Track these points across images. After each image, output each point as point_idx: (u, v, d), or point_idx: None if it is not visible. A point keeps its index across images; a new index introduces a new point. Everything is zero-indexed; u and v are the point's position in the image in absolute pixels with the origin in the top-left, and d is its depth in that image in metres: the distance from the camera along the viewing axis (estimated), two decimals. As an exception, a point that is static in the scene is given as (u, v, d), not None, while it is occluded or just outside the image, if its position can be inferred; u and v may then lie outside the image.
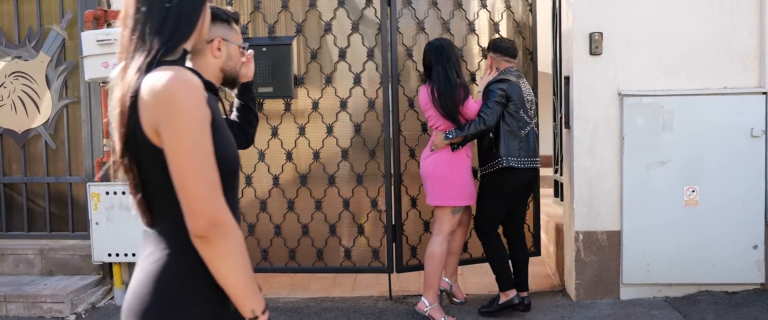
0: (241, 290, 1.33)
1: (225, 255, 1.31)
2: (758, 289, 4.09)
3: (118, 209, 4.23)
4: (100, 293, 4.41)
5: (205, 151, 1.30)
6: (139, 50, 1.35)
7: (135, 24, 1.37)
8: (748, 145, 3.98)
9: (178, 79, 1.29)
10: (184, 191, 1.29)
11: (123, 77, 1.35)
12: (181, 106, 1.28)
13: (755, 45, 3.98)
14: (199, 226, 1.29)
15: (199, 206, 1.28)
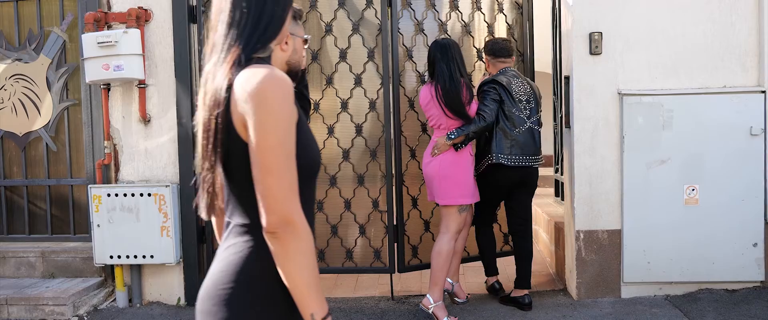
0: (303, 291, 1.35)
1: (292, 254, 1.33)
2: (758, 287, 4.11)
3: (119, 211, 4.23)
4: (102, 295, 4.41)
5: (287, 152, 1.33)
6: (234, 46, 1.40)
7: (231, 21, 1.42)
8: (747, 144, 4.00)
9: (271, 77, 1.33)
10: (262, 187, 1.33)
11: (216, 72, 1.40)
12: (271, 104, 1.32)
13: (754, 44, 4.00)
14: (271, 222, 1.32)
15: (273, 204, 1.31)
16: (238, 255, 1.40)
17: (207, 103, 1.39)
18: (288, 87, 1.35)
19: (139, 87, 4.30)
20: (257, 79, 1.33)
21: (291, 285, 1.35)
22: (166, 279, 4.38)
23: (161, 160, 4.34)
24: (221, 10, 1.44)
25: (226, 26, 1.42)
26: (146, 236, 4.22)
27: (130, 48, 4.12)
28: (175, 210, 4.25)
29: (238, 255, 1.41)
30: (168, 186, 4.21)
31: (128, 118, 4.36)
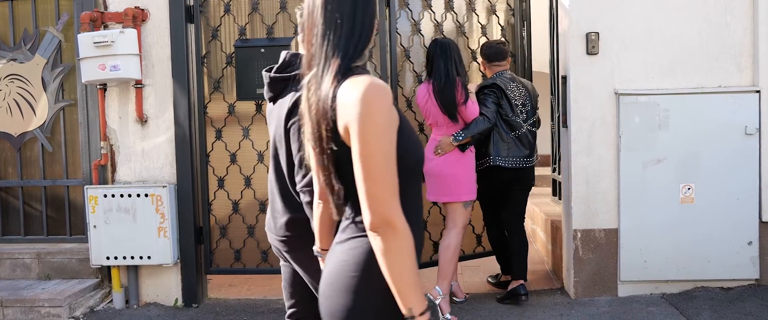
0: (402, 287, 1.42)
1: (392, 252, 1.41)
2: (753, 285, 4.15)
3: (116, 212, 4.21)
4: (99, 297, 4.39)
5: (388, 158, 1.42)
6: (333, 58, 1.49)
7: (326, 31, 1.51)
8: (742, 143, 4.03)
9: (371, 86, 1.42)
10: (364, 190, 1.42)
11: (319, 83, 1.49)
12: (373, 114, 1.40)
13: (749, 44, 4.03)
14: (373, 223, 1.41)
15: (375, 205, 1.41)
16: (359, 249, 1.53)
17: (312, 113, 1.49)
18: (388, 94, 1.43)
19: (135, 87, 4.28)
20: (359, 89, 1.42)
21: (391, 280, 1.43)
22: (164, 280, 4.37)
23: (158, 160, 4.32)
24: (315, 24, 1.52)
25: (322, 39, 1.51)
26: (143, 237, 4.21)
27: (126, 48, 4.10)
28: (173, 211, 4.24)
29: (359, 248, 1.53)
30: (165, 187, 4.19)
31: (125, 119, 4.34)
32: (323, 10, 1.52)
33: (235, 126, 4.31)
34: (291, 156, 2.16)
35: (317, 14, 1.53)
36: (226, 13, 4.26)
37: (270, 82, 2.25)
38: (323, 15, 1.52)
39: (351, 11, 1.53)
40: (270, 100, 2.31)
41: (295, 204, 2.19)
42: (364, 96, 1.41)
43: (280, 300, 4.42)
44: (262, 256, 4.32)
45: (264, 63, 4.12)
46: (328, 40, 1.51)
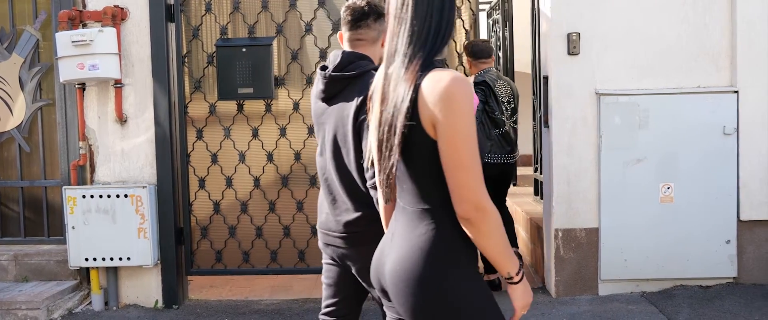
0: (499, 259, 1.57)
1: (486, 234, 1.53)
2: (731, 283, 4.20)
3: (95, 213, 4.16)
4: (77, 298, 4.34)
5: (473, 146, 1.51)
6: (419, 53, 1.56)
7: (415, 26, 1.57)
8: (720, 143, 4.08)
9: (458, 80, 1.51)
10: (455, 180, 1.51)
11: (399, 75, 1.56)
12: (460, 105, 1.49)
13: (727, 45, 4.08)
14: (465, 210, 1.51)
15: (466, 193, 1.50)
16: (425, 237, 1.59)
17: (391, 106, 1.56)
18: (470, 87, 1.52)
19: (115, 86, 4.24)
20: (446, 83, 1.50)
21: (489, 256, 1.57)
22: (144, 281, 4.33)
23: (138, 160, 4.28)
24: (403, 19, 1.59)
25: (409, 35, 1.57)
26: (123, 238, 4.16)
27: (105, 47, 4.06)
28: (153, 212, 4.20)
29: (424, 236, 1.59)
30: (145, 187, 4.15)
31: (104, 118, 4.29)
32: (414, 6, 1.57)
33: (216, 126, 4.28)
34: (361, 153, 2.19)
35: (407, 10, 1.58)
36: (207, 12, 4.23)
37: (329, 81, 2.26)
38: (414, 10, 1.58)
39: (440, 7, 1.59)
40: (323, 100, 2.31)
41: (364, 201, 2.21)
42: (453, 89, 1.49)
43: (262, 300, 4.40)
44: (244, 257, 4.30)
45: (246, 62, 4.09)
46: (417, 36, 1.57)
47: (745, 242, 4.16)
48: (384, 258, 1.69)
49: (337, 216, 2.28)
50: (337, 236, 2.29)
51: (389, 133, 1.57)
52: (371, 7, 2.30)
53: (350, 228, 2.25)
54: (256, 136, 4.24)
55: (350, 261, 2.30)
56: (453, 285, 1.58)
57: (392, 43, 1.61)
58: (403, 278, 1.60)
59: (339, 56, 2.27)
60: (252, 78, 4.10)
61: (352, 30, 2.31)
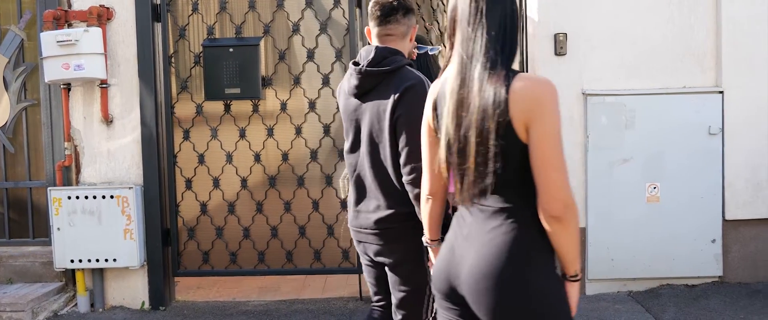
0: (574, 256, 1.63)
1: (571, 231, 1.60)
2: (716, 282, 4.23)
3: (80, 214, 4.13)
4: (63, 300, 4.30)
5: (561, 146, 1.59)
6: (499, 58, 1.62)
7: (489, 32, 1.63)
8: (706, 143, 4.11)
9: (548, 83, 1.60)
10: (547, 179, 1.58)
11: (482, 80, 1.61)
12: (551, 107, 1.58)
13: (712, 46, 4.11)
14: (556, 208, 1.57)
15: (558, 192, 1.57)
16: (508, 236, 1.63)
17: (478, 109, 1.60)
18: (557, 90, 1.61)
19: (100, 87, 4.21)
20: (539, 86, 1.60)
21: (566, 253, 1.63)
22: (130, 282, 4.30)
23: (124, 161, 4.25)
24: (478, 25, 1.65)
25: (488, 40, 1.63)
26: (109, 239, 4.13)
27: (91, 47, 4.03)
28: (139, 213, 4.17)
29: (507, 235, 1.63)
30: (131, 188, 4.13)
31: (90, 119, 4.26)
32: (489, 12, 1.64)
33: (203, 126, 4.26)
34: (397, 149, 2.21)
35: (482, 16, 1.64)
36: (193, 12, 4.21)
37: (363, 76, 2.26)
38: (489, 16, 1.64)
39: (511, 13, 1.66)
40: (356, 96, 2.32)
41: (397, 198, 2.24)
42: (546, 91, 1.58)
43: (250, 301, 4.39)
44: (231, 258, 4.28)
45: (233, 62, 4.08)
46: (495, 41, 1.63)
47: (731, 241, 4.19)
48: (459, 260, 1.70)
49: (369, 213, 2.30)
50: (369, 233, 2.31)
51: (479, 136, 1.60)
52: (400, 2, 2.32)
53: (382, 224, 2.27)
54: (244, 137, 4.22)
55: (383, 256, 2.32)
56: (542, 284, 1.63)
57: (467, 48, 1.65)
58: (489, 277, 1.63)
59: (372, 51, 2.27)
60: (239, 78, 4.09)
61: (381, 25, 2.33)
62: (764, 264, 4.22)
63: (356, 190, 2.36)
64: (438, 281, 1.77)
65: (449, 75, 1.71)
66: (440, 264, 1.77)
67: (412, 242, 2.23)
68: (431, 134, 1.82)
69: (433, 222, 1.96)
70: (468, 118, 1.62)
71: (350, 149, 2.38)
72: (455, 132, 1.65)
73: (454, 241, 1.75)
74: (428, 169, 1.87)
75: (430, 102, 1.79)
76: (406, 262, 2.28)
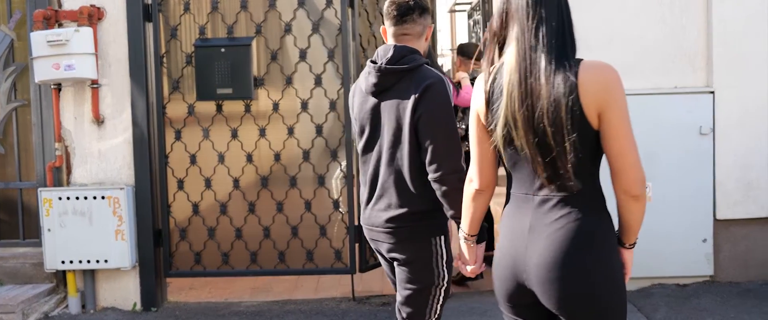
0: (639, 228, 1.78)
1: (643, 205, 1.73)
2: (707, 281, 4.25)
3: (71, 215, 4.11)
4: (54, 302, 4.28)
5: (632, 129, 1.68)
6: (563, 46, 1.69)
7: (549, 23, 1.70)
8: (697, 143, 4.13)
9: (612, 68, 1.69)
10: (625, 160, 1.67)
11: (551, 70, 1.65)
12: (621, 90, 1.67)
13: (703, 46, 4.13)
14: (636, 188, 1.69)
15: (636, 172, 1.68)
16: (578, 222, 1.69)
17: (545, 97, 1.65)
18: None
19: (91, 87, 4.18)
20: (608, 71, 1.68)
21: (635, 226, 1.76)
22: (121, 283, 4.28)
23: (116, 162, 4.23)
24: (535, 16, 1.70)
25: (548, 31, 1.69)
26: (100, 240, 4.11)
27: (81, 47, 4.01)
28: (131, 213, 4.15)
29: (578, 222, 1.69)
30: (123, 189, 4.11)
31: (80, 119, 4.24)
32: (546, 4, 1.70)
33: (195, 126, 4.24)
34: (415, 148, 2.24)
35: (540, 7, 1.70)
36: (185, 11, 4.19)
37: (382, 74, 2.29)
38: (547, 8, 1.70)
39: (566, 4, 1.75)
40: (374, 94, 2.34)
41: (410, 197, 2.27)
42: (615, 76, 1.66)
43: (242, 302, 4.37)
44: (223, 258, 4.26)
45: (225, 63, 4.06)
46: (557, 31, 1.69)
47: (722, 241, 4.21)
48: (524, 253, 1.73)
49: (382, 211, 2.32)
50: (381, 231, 2.34)
51: (553, 126, 1.64)
52: (416, 2, 2.35)
53: (396, 223, 2.29)
54: (236, 137, 4.21)
55: (394, 253, 2.35)
56: (611, 268, 1.72)
57: (528, 39, 1.68)
58: (564, 266, 1.68)
59: (390, 49, 2.30)
60: (231, 78, 4.07)
61: (397, 25, 2.35)
62: (755, 264, 4.24)
63: (370, 188, 2.39)
64: (503, 282, 1.80)
65: (506, 68, 1.72)
66: (505, 260, 1.79)
67: (424, 241, 2.30)
68: (482, 128, 1.83)
69: (477, 217, 1.97)
70: (539, 109, 1.65)
71: (365, 148, 2.40)
72: (525, 123, 1.68)
73: (513, 237, 1.77)
74: (479, 163, 1.87)
75: (482, 96, 1.80)
76: (416, 260, 2.31)
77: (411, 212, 2.28)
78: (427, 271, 2.31)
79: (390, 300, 4.29)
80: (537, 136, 1.67)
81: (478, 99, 1.83)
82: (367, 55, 4.27)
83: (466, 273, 2.11)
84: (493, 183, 1.91)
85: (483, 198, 1.93)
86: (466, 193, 1.95)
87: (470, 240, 2.03)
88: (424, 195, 2.26)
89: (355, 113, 2.45)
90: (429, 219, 2.29)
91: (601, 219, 1.73)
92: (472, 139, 1.87)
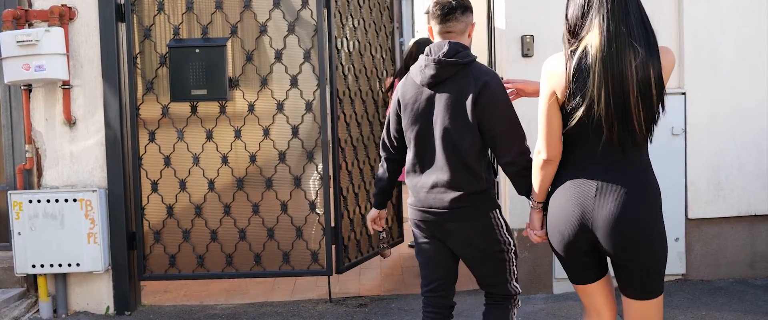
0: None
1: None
2: (680, 279, 4.31)
3: (42, 218, 4.04)
4: (24, 306, 4.20)
5: None
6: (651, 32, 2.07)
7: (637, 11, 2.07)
8: (669, 143, 4.19)
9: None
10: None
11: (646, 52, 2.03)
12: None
13: (675, 48, 4.19)
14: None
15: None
16: (645, 181, 2.12)
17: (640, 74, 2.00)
18: None
19: (63, 88, 4.12)
20: (671, 53, 2.12)
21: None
22: (94, 287, 4.22)
23: (88, 164, 4.17)
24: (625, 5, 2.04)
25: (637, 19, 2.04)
26: (72, 243, 4.05)
27: (52, 47, 3.94)
28: (103, 216, 4.09)
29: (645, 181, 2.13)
30: (95, 191, 4.05)
31: (52, 121, 4.17)
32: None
33: (169, 128, 4.19)
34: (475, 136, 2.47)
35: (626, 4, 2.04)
36: (159, 12, 4.14)
37: (441, 67, 2.48)
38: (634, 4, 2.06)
39: None
40: (430, 86, 2.52)
41: (470, 179, 2.50)
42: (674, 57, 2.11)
43: (217, 305, 4.34)
44: (198, 261, 4.22)
45: (199, 64, 4.03)
46: (643, 19, 2.05)
47: (693, 240, 4.28)
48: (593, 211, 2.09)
49: (443, 193, 2.52)
50: (443, 211, 2.53)
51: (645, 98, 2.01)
52: (458, 1, 2.56)
53: (460, 203, 2.50)
54: (211, 139, 4.17)
55: (452, 233, 2.57)
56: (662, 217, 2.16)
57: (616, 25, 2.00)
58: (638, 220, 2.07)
59: (445, 45, 2.50)
60: (206, 79, 4.04)
61: (442, 23, 2.57)
62: (725, 262, 4.32)
63: (424, 175, 2.57)
64: (574, 236, 2.15)
65: (592, 51, 2.03)
66: (567, 220, 2.15)
67: (485, 216, 2.57)
68: (555, 104, 2.14)
69: (546, 185, 2.27)
70: (628, 87, 1.99)
71: (420, 136, 2.57)
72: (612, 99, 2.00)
73: (579, 197, 2.12)
74: (548, 136, 2.17)
75: (562, 76, 2.10)
76: (481, 235, 2.57)
77: (472, 192, 2.50)
78: (495, 242, 2.60)
79: (367, 301, 4.29)
80: (621, 109, 2.00)
81: (557, 78, 2.13)
82: (342, 56, 4.27)
83: (534, 239, 2.44)
84: (560, 154, 2.19)
85: (551, 168, 2.21)
86: (535, 164, 2.26)
87: (538, 208, 2.34)
88: (482, 176, 2.52)
89: (407, 105, 2.59)
90: (486, 196, 2.55)
91: (654, 177, 2.14)
92: (542, 114, 2.18)
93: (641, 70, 1.98)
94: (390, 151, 2.77)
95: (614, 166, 2.09)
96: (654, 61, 2.01)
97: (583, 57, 2.06)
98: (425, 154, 2.57)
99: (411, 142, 2.61)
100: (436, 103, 2.52)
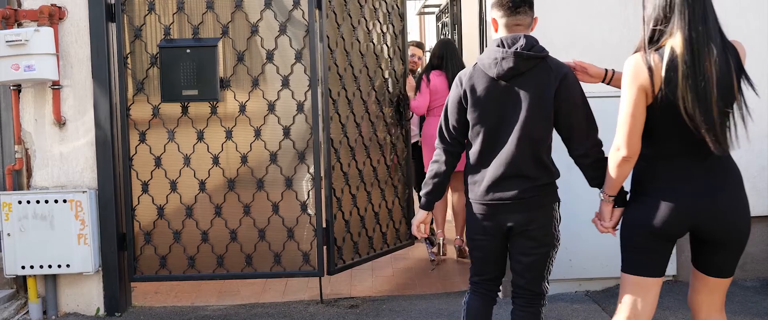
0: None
1: None
2: (671, 280, 4.33)
3: (31, 219, 4.02)
4: (13, 308, 4.18)
5: None
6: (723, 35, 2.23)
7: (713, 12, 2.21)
8: (660, 144, 4.19)
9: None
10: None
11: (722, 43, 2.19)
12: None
13: (665, 49, 4.20)
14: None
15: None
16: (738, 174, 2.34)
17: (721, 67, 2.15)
18: None
19: (53, 88, 4.10)
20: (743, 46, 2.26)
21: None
22: (84, 288, 4.20)
23: (78, 164, 4.15)
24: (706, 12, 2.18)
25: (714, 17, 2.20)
26: (62, 244, 4.03)
27: (42, 47, 3.92)
28: (93, 217, 4.07)
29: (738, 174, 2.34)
30: (85, 192, 4.03)
31: (41, 121, 4.14)
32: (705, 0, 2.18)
33: (160, 128, 4.17)
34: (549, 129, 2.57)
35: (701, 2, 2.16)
36: (150, 12, 4.12)
37: (520, 59, 2.51)
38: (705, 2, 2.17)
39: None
40: (506, 78, 2.55)
41: (542, 171, 2.60)
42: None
43: (208, 306, 4.33)
44: (189, 262, 4.20)
45: (190, 64, 4.01)
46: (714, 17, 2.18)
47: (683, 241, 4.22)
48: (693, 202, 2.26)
49: (514, 184, 2.57)
50: (513, 202, 2.58)
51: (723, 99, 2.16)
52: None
53: (530, 193, 2.58)
54: (202, 139, 4.15)
55: (516, 224, 2.62)
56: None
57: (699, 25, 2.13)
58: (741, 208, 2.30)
59: (521, 38, 2.54)
60: (197, 80, 4.02)
61: (511, 16, 2.60)
62: (716, 263, 4.33)
63: (493, 166, 2.60)
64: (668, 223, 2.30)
65: (679, 51, 2.14)
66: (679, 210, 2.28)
67: (549, 207, 2.64)
68: (643, 102, 2.23)
69: (619, 181, 2.39)
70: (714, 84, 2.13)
71: (493, 128, 2.60)
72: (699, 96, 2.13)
73: (679, 186, 2.27)
74: (630, 133, 2.27)
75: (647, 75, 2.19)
76: (542, 226, 2.62)
77: (542, 184, 2.59)
78: (550, 236, 2.67)
79: (358, 302, 4.28)
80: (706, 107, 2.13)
81: (643, 78, 2.21)
82: (335, 57, 4.26)
83: (601, 230, 2.53)
84: (638, 152, 2.29)
85: (628, 165, 2.33)
86: (613, 160, 2.35)
87: (609, 201, 2.45)
88: (552, 168, 2.64)
89: (479, 98, 2.60)
90: (554, 187, 2.67)
91: (736, 163, 2.33)
92: (628, 112, 2.26)
93: (722, 66, 2.14)
94: (448, 142, 2.76)
95: (707, 157, 2.23)
96: (735, 62, 2.18)
97: (672, 58, 2.16)
98: (496, 146, 2.60)
99: (480, 135, 2.62)
100: (514, 96, 2.54)
